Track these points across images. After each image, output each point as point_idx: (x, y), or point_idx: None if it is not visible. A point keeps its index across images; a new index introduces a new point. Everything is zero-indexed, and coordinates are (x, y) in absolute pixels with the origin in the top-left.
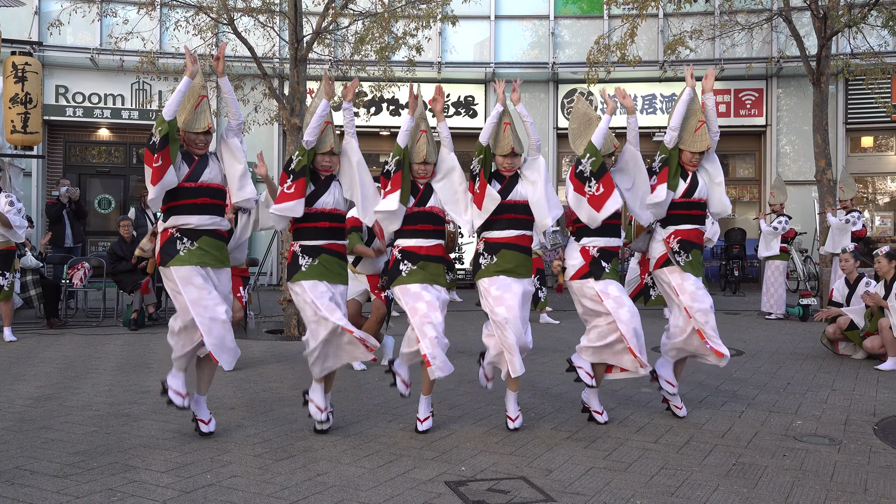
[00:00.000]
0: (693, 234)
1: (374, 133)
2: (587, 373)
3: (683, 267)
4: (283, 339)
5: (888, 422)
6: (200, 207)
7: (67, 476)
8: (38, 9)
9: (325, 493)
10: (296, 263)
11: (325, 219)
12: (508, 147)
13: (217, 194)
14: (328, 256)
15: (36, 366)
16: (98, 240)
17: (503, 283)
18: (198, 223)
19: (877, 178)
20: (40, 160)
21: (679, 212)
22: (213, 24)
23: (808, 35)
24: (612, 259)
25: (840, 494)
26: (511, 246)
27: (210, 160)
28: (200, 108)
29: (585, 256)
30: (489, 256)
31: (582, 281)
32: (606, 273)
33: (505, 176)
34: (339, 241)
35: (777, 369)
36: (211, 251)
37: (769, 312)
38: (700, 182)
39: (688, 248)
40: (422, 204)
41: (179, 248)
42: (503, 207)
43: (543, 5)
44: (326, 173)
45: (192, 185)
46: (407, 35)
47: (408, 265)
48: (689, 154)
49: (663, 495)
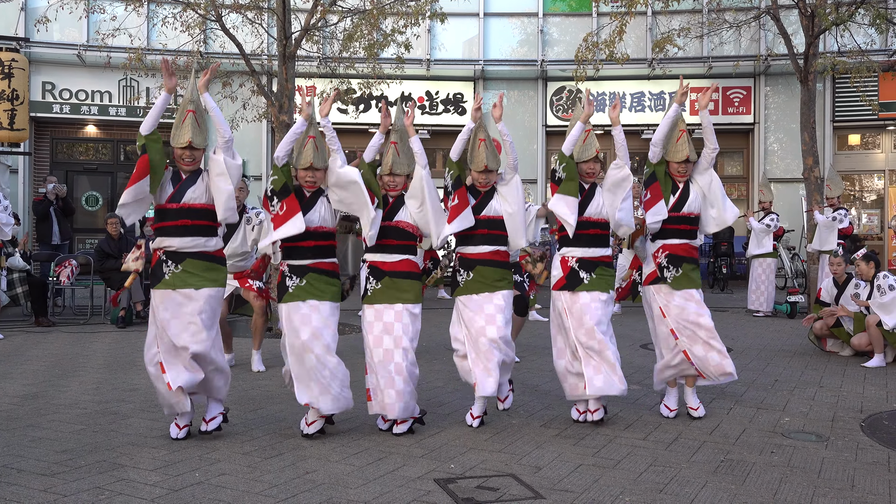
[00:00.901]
0: (682, 248)
1: (362, 130)
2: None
3: (672, 284)
4: (272, 336)
5: (875, 418)
6: (182, 229)
7: (55, 474)
8: (25, 5)
9: (313, 491)
10: (283, 284)
11: (311, 237)
12: (482, 164)
13: (201, 215)
14: (315, 275)
15: (23, 364)
16: (85, 237)
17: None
18: (179, 245)
19: (863, 175)
20: (27, 157)
21: (668, 226)
22: (201, 21)
23: (795, 33)
24: (595, 268)
25: (827, 491)
26: (487, 262)
27: (199, 179)
28: (186, 123)
29: (564, 268)
30: (465, 273)
31: (558, 293)
32: (584, 284)
33: (480, 191)
34: (326, 259)
35: (765, 366)
36: (196, 272)
37: (757, 310)
38: (692, 195)
39: (677, 263)
40: (389, 218)
41: (165, 271)
42: (478, 223)
43: (532, 3)
44: (311, 189)
45: (174, 207)
46: (396, 32)
47: (373, 283)
48: (674, 164)
49: (652, 492)
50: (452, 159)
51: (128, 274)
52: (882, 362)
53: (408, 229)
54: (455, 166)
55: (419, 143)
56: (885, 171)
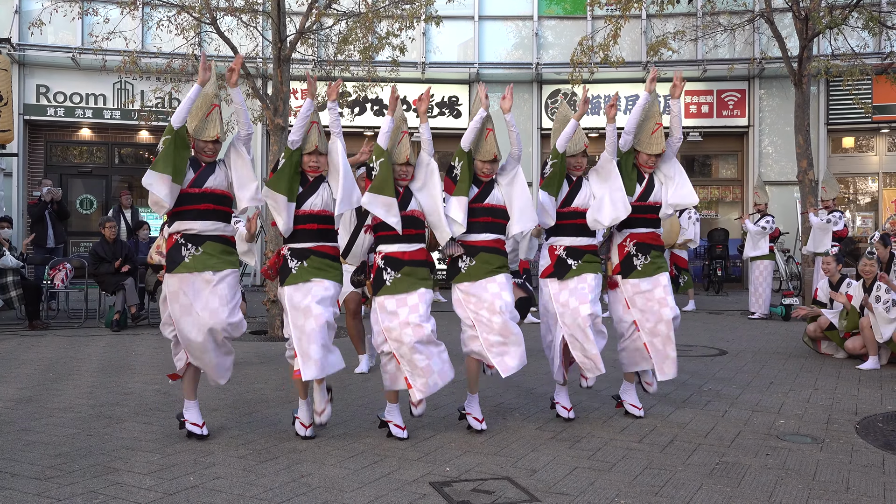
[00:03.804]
0: (649, 237)
1: (357, 133)
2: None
3: (642, 271)
4: (266, 339)
5: (869, 420)
6: (204, 213)
7: (49, 478)
8: (19, 8)
9: (309, 495)
10: (286, 267)
11: (314, 220)
12: (491, 153)
13: (222, 200)
14: (317, 258)
15: (17, 367)
16: (80, 240)
17: (483, 284)
18: (201, 229)
19: (858, 178)
20: (20, 160)
21: (634, 215)
22: (196, 24)
23: (789, 36)
24: (583, 255)
25: (822, 493)
26: (489, 249)
27: (217, 167)
28: (211, 117)
29: (552, 256)
30: (468, 259)
31: (545, 280)
32: (573, 270)
33: (482, 180)
34: (329, 242)
35: (760, 369)
36: (216, 255)
37: (752, 312)
38: (656, 185)
39: (645, 251)
40: (402, 208)
41: (185, 254)
42: (480, 211)
43: (527, 6)
44: (314, 174)
45: (196, 191)
46: (391, 35)
47: (392, 273)
48: (645, 156)
49: (647, 495)
50: (463, 149)
51: (125, 274)
52: (876, 365)
53: (420, 218)
54: (465, 156)
55: (429, 130)
56: (878, 174)
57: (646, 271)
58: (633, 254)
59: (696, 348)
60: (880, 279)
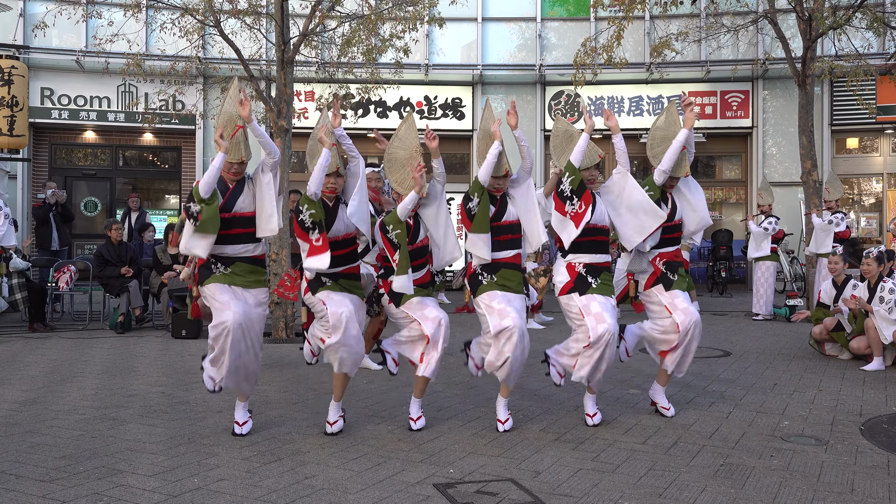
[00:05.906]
0: (676, 254)
1: (361, 135)
2: (558, 372)
3: (676, 283)
4: (270, 342)
5: (874, 422)
6: (233, 237)
7: (53, 480)
8: (24, 11)
9: (313, 497)
10: (319, 280)
11: (339, 246)
12: (503, 170)
13: (249, 223)
14: (346, 280)
15: (21, 370)
16: (84, 243)
17: (504, 296)
18: (231, 253)
19: (862, 179)
20: (26, 163)
21: (662, 236)
22: (200, 27)
23: (793, 37)
24: (600, 273)
25: (827, 494)
26: (509, 265)
27: (245, 186)
28: (236, 139)
29: (571, 273)
30: (489, 276)
31: (567, 296)
32: (593, 288)
33: (496, 196)
34: (353, 264)
35: (764, 370)
36: (243, 275)
37: (757, 313)
38: (678, 204)
39: (674, 268)
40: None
41: (214, 270)
42: (500, 229)
43: (530, 7)
44: (331, 195)
45: (226, 217)
46: (394, 37)
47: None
48: (673, 179)
49: (651, 496)
50: (482, 182)
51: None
52: (881, 366)
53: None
54: (483, 191)
55: (442, 164)
56: (883, 175)
57: (679, 285)
58: (664, 271)
59: (700, 349)
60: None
